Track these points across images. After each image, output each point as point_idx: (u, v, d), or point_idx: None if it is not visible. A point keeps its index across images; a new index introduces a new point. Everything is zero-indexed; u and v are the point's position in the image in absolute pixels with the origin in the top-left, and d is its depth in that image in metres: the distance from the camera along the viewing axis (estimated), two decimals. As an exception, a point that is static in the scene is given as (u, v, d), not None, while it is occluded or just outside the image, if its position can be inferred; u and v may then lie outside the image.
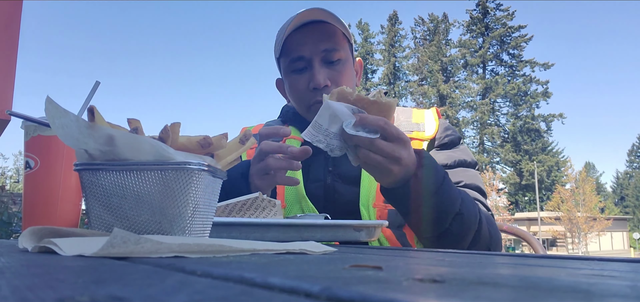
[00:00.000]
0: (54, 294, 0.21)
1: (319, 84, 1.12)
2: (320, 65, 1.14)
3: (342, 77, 1.15)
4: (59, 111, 0.53)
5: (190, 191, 0.53)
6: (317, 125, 0.84)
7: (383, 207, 1.08)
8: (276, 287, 0.22)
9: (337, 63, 1.15)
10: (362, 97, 0.87)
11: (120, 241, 0.38)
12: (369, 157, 0.86)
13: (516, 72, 40.36)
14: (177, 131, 0.59)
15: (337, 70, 1.15)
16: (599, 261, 0.46)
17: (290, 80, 1.18)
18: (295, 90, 1.18)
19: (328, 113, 0.83)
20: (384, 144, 0.85)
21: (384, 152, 0.85)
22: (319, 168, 1.17)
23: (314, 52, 1.14)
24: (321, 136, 0.84)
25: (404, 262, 0.40)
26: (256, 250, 0.46)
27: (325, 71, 1.14)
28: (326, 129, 0.84)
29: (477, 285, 0.23)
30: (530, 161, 39.42)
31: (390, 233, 1.08)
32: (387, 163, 0.86)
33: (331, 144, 0.85)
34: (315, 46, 1.14)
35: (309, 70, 1.15)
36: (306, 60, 1.15)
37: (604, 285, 0.25)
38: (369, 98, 0.87)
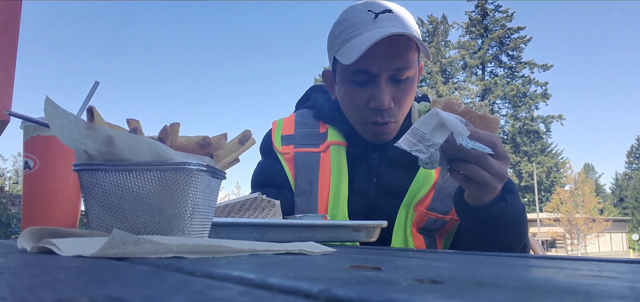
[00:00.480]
0: (53, 294, 0.21)
1: (384, 106, 1.01)
2: (386, 83, 1.02)
3: (407, 97, 1.05)
4: (58, 111, 0.53)
5: (190, 191, 0.53)
6: (420, 134, 0.78)
7: (424, 213, 1.04)
8: (275, 288, 0.22)
9: (404, 81, 1.03)
10: (470, 110, 0.83)
11: (119, 242, 0.38)
12: (478, 173, 0.81)
13: (515, 74, 40.40)
14: (176, 131, 0.59)
15: (403, 89, 1.04)
16: (598, 262, 0.46)
17: (348, 90, 1.06)
18: (351, 103, 1.06)
19: (434, 122, 0.78)
20: (495, 162, 0.82)
21: (493, 170, 0.81)
22: (361, 178, 1.10)
23: (383, 69, 1.00)
24: (422, 146, 0.78)
25: (404, 263, 0.40)
26: (255, 250, 0.46)
27: (391, 90, 1.02)
28: (429, 138, 0.78)
29: (477, 286, 0.23)
30: (530, 162, 39.46)
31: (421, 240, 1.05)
32: (494, 181, 0.82)
33: (434, 155, 0.78)
34: (386, 63, 1.00)
35: (373, 86, 1.02)
36: (372, 75, 1.02)
37: (603, 286, 0.25)
38: (477, 112, 0.83)
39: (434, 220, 1.05)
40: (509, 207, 0.89)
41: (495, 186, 0.83)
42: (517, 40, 39.93)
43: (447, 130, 0.77)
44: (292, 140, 1.14)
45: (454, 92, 40.05)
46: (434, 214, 1.05)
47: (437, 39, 41.25)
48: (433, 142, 0.77)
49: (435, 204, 1.05)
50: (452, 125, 0.77)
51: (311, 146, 1.12)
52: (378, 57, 0.99)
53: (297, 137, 1.15)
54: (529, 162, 39.57)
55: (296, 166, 1.10)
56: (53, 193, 0.72)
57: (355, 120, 1.08)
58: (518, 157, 39.69)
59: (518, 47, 40.08)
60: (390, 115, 1.04)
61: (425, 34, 42.30)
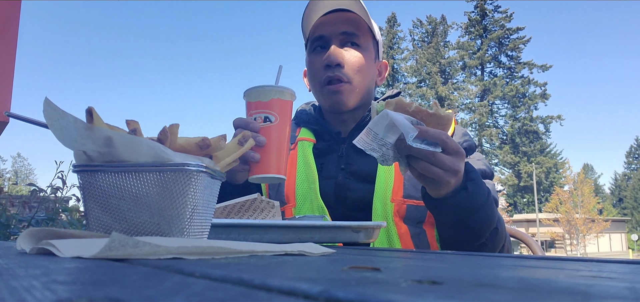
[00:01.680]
0: (52, 295, 0.21)
1: (332, 61, 1.14)
2: (338, 45, 1.17)
3: (358, 63, 1.17)
4: (57, 113, 0.53)
5: (189, 192, 0.53)
6: (372, 134, 0.83)
7: (401, 202, 1.09)
8: (275, 289, 0.22)
9: (355, 47, 1.17)
10: (421, 109, 0.86)
11: (118, 244, 0.38)
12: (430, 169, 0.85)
13: (514, 74, 40.42)
14: (175, 133, 0.58)
15: (353, 54, 1.17)
16: (597, 263, 0.46)
17: (309, 60, 1.22)
18: (311, 69, 1.21)
19: (385, 123, 0.82)
20: (445, 158, 0.85)
21: (445, 165, 0.85)
22: (331, 165, 1.18)
23: (333, 33, 1.17)
24: (375, 145, 0.83)
25: (403, 264, 0.40)
26: (255, 251, 0.46)
27: (341, 52, 1.16)
28: (382, 138, 0.82)
29: (476, 287, 0.23)
30: (529, 163, 39.47)
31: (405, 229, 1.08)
32: (446, 176, 0.86)
33: (386, 154, 0.84)
34: (335, 27, 1.17)
35: (327, 50, 1.17)
36: (325, 40, 1.18)
37: (602, 286, 0.25)
38: (428, 110, 0.86)
39: (415, 207, 1.08)
40: (470, 196, 0.91)
41: (448, 181, 0.87)
42: (516, 40, 39.96)
43: (397, 130, 0.82)
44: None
45: (453, 92, 40.09)
46: (412, 201, 1.08)
47: (436, 39, 41.26)
48: (385, 141, 0.83)
49: (409, 191, 1.09)
50: (401, 125, 0.81)
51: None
52: (329, 24, 1.18)
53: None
54: (528, 162, 39.60)
55: None
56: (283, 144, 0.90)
57: (315, 88, 1.22)
58: (517, 157, 39.71)
59: (517, 48, 40.11)
60: (341, 73, 1.16)
61: (425, 34, 42.33)
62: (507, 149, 39.93)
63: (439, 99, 38.96)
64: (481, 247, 0.97)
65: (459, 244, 0.99)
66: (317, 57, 1.19)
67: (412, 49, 42.59)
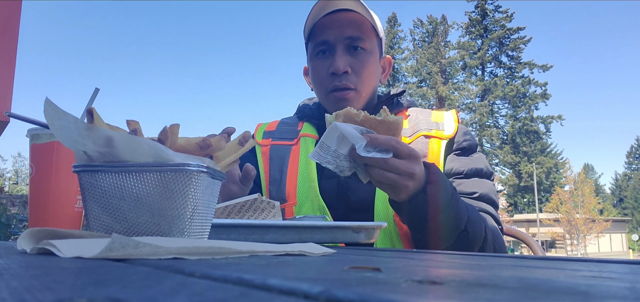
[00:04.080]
0: (53, 295, 0.21)
1: (339, 69, 1.13)
2: (343, 51, 1.15)
3: (364, 68, 1.16)
4: (57, 113, 0.53)
5: (189, 192, 0.53)
6: (325, 147, 0.84)
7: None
8: (275, 289, 0.22)
9: (360, 52, 1.15)
10: (369, 117, 0.87)
11: (118, 246, 0.38)
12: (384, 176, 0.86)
13: (515, 74, 40.37)
14: (176, 133, 0.59)
15: (359, 59, 1.15)
16: (598, 263, 0.46)
17: (313, 65, 1.20)
18: (316, 75, 1.19)
19: (336, 135, 0.83)
20: (398, 162, 0.86)
21: (399, 170, 0.86)
22: None
23: (338, 38, 1.14)
24: (330, 157, 0.85)
25: (403, 264, 0.40)
26: (255, 251, 0.46)
27: (347, 58, 1.14)
28: (335, 150, 0.84)
29: (476, 287, 0.23)
30: (529, 163, 39.44)
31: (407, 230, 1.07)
32: (402, 180, 0.87)
33: (341, 165, 0.86)
34: (340, 32, 1.14)
35: (332, 55, 1.15)
36: (330, 46, 1.16)
37: (602, 287, 0.25)
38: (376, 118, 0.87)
39: None
40: (429, 198, 0.92)
41: (405, 185, 0.88)
42: (517, 40, 39.92)
43: (348, 142, 0.84)
44: (271, 135, 1.27)
45: (454, 92, 40.07)
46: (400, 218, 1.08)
47: (437, 39, 41.25)
48: (338, 153, 0.85)
49: None
50: (350, 136, 0.84)
51: (287, 140, 1.24)
52: (333, 28, 1.15)
53: (277, 132, 1.28)
54: (529, 162, 39.57)
55: (270, 157, 1.23)
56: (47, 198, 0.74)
57: (321, 93, 1.20)
58: (518, 157, 39.69)
59: (518, 48, 40.07)
60: (348, 81, 1.14)
61: (425, 34, 42.31)
62: (507, 149, 39.90)
63: (440, 99, 38.98)
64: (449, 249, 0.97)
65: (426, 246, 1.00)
66: (322, 62, 1.17)
67: (413, 49, 42.57)
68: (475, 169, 1.14)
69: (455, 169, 1.13)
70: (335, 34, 1.15)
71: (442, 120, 1.19)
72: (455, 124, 1.18)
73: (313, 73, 1.21)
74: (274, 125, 1.32)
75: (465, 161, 1.15)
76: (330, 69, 1.14)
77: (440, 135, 1.15)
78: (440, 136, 1.15)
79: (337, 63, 1.13)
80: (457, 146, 1.16)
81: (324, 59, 1.17)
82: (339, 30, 1.15)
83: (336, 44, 1.15)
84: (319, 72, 1.18)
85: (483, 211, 1.11)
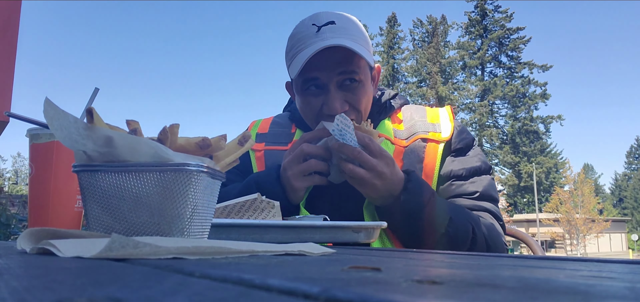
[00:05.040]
0: (52, 295, 0.21)
1: (336, 110, 1.07)
2: (336, 89, 1.09)
3: (360, 100, 1.11)
4: (57, 113, 0.53)
5: (189, 192, 0.53)
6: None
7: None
8: (275, 289, 0.22)
9: (354, 84, 1.10)
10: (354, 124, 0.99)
11: (118, 245, 0.38)
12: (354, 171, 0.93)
13: (515, 74, 40.37)
14: (175, 132, 0.58)
15: (355, 92, 1.10)
16: (598, 263, 0.46)
17: (304, 99, 1.13)
18: (309, 111, 1.13)
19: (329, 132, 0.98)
20: (368, 158, 0.94)
21: (368, 165, 0.93)
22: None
23: (330, 77, 1.08)
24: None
25: (403, 264, 0.40)
26: (255, 251, 0.46)
27: (341, 95, 1.09)
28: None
29: (476, 286, 0.23)
30: (529, 163, 39.44)
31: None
32: (371, 177, 0.94)
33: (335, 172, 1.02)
34: (331, 71, 1.08)
35: (324, 93, 1.10)
36: (321, 82, 1.09)
37: (602, 286, 0.25)
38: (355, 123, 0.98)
39: None
40: (403, 204, 0.97)
41: (373, 183, 0.95)
42: (517, 40, 39.92)
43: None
44: (264, 139, 1.24)
45: (454, 92, 40.06)
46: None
47: (437, 39, 41.24)
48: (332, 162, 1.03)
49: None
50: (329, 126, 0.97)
51: (281, 145, 1.21)
52: (323, 67, 1.07)
53: (270, 136, 1.25)
54: (529, 162, 39.57)
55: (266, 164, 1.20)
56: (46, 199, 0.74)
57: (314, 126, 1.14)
58: (517, 157, 39.69)
59: (517, 48, 40.07)
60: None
61: (425, 34, 42.30)
62: (507, 149, 39.90)
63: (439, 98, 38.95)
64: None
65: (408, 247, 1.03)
66: (314, 99, 1.11)
67: (413, 49, 42.56)
68: (474, 168, 1.15)
69: (454, 171, 1.14)
70: (326, 72, 1.08)
71: (438, 121, 1.18)
72: (451, 124, 1.18)
73: (304, 106, 1.14)
74: (267, 125, 1.28)
75: (463, 161, 1.16)
76: (326, 109, 1.08)
77: (438, 137, 1.15)
78: (437, 139, 1.15)
79: (334, 104, 1.07)
80: (454, 147, 1.17)
81: (316, 95, 1.11)
82: (329, 70, 1.07)
83: (328, 82, 1.08)
84: (312, 109, 1.12)
85: (482, 209, 1.12)
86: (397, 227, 1.02)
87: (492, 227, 1.09)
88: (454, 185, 1.13)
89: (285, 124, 1.27)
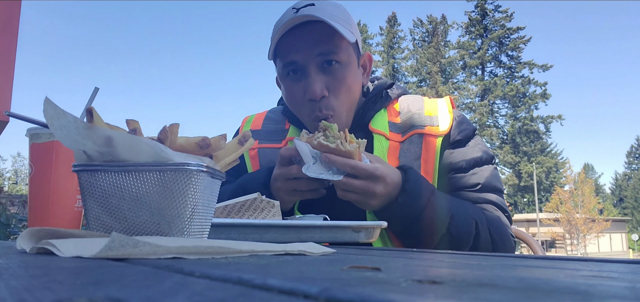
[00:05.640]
0: (52, 295, 0.21)
1: (316, 95, 1.02)
2: (316, 72, 1.04)
3: (342, 85, 1.05)
4: (57, 112, 0.53)
5: (189, 192, 0.53)
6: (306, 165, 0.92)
7: None
8: (275, 289, 0.22)
9: (335, 66, 1.04)
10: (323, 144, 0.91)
11: (118, 245, 0.38)
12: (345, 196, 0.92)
13: (515, 74, 40.34)
14: (175, 132, 0.58)
15: (335, 76, 1.04)
16: (598, 262, 0.46)
17: (286, 86, 1.10)
18: (292, 98, 1.10)
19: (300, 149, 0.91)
20: (357, 183, 0.90)
21: (358, 190, 0.90)
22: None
23: (308, 58, 1.03)
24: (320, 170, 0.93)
25: (403, 264, 0.40)
26: (255, 251, 0.45)
27: (322, 78, 1.04)
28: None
29: (476, 286, 0.23)
30: (529, 163, 39.43)
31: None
32: (363, 199, 0.92)
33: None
34: (309, 51, 1.03)
35: (305, 77, 1.05)
36: (300, 66, 1.05)
37: (602, 286, 0.25)
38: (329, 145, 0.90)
39: None
40: (401, 207, 0.94)
41: (366, 202, 0.93)
42: (517, 40, 39.89)
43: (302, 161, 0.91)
44: (258, 136, 1.20)
45: (454, 92, 40.05)
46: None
47: (437, 39, 41.23)
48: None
49: None
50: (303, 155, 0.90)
51: (274, 142, 1.18)
52: (301, 48, 1.03)
53: (263, 133, 1.21)
54: (529, 162, 39.56)
55: (260, 163, 1.17)
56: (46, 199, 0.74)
57: (302, 117, 1.11)
58: (518, 157, 39.68)
59: (517, 47, 40.04)
60: (327, 108, 1.05)
61: (425, 34, 42.29)
62: (507, 148, 39.89)
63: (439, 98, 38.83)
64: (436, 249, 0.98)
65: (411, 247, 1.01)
66: (295, 85, 1.07)
67: (413, 49, 42.54)
68: (474, 159, 1.10)
69: (454, 164, 1.09)
70: (304, 53, 1.03)
71: (436, 113, 1.13)
72: (449, 115, 1.12)
73: (287, 94, 1.10)
74: (260, 121, 1.24)
75: (463, 153, 1.11)
76: (307, 94, 1.04)
77: (435, 131, 1.09)
78: (435, 133, 1.09)
79: (314, 88, 1.02)
80: (452, 140, 1.11)
81: (297, 81, 1.06)
82: (308, 49, 1.03)
83: (307, 65, 1.03)
84: (294, 96, 1.08)
85: (486, 201, 1.08)
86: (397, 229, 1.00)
87: (497, 221, 1.06)
88: (454, 177, 1.09)
89: (279, 119, 1.23)
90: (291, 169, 0.98)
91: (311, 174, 0.87)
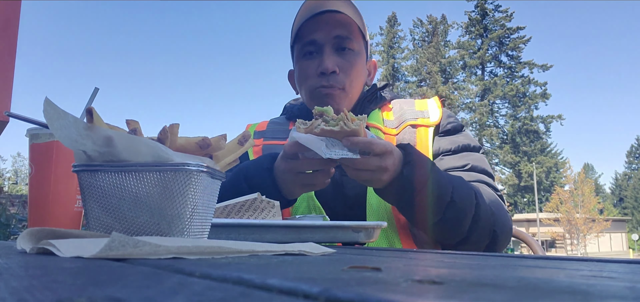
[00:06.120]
0: (52, 295, 0.21)
1: (327, 68, 1.12)
2: (331, 51, 1.15)
3: (352, 68, 1.16)
4: (57, 112, 0.53)
5: (189, 192, 0.53)
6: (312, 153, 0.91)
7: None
8: (275, 289, 0.22)
9: (348, 52, 1.15)
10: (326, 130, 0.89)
11: (118, 244, 0.38)
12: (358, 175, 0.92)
13: (515, 74, 40.34)
14: (175, 132, 0.58)
15: (348, 59, 1.15)
16: (598, 262, 0.46)
17: (301, 65, 1.19)
18: (303, 75, 1.18)
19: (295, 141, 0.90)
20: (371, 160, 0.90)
21: (372, 167, 0.90)
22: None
23: (326, 38, 1.14)
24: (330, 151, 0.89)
25: (403, 264, 0.40)
26: (255, 251, 0.46)
27: (336, 58, 1.14)
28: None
29: (476, 286, 0.23)
30: (529, 162, 39.43)
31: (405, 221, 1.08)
32: (375, 176, 0.92)
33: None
34: (328, 32, 1.14)
35: (320, 55, 1.15)
36: (318, 46, 1.15)
37: (602, 286, 0.25)
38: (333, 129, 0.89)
39: None
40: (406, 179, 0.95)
41: (379, 178, 0.92)
42: (517, 40, 39.90)
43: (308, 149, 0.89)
44: (262, 135, 1.27)
45: (454, 92, 40.05)
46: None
47: (437, 39, 41.24)
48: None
49: None
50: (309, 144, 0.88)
51: (279, 140, 1.23)
52: (321, 28, 1.15)
53: (268, 132, 1.28)
54: (529, 162, 39.56)
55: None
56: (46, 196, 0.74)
57: (306, 92, 1.18)
58: (518, 157, 39.69)
59: (517, 47, 40.05)
60: (336, 81, 1.14)
61: (425, 34, 42.28)
62: (507, 148, 39.89)
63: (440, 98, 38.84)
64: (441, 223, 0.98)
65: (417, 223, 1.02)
66: (309, 62, 1.17)
67: (413, 49, 42.56)
68: (463, 145, 1.17)
69: (443, 147, 1.16)
70: (323, 33, 1.15)
71: (426, 108, 1.22)
72: (439, 109, 1.21)
73: (300, 73, 1.20)
74: (264, 125, 1.32)
75: (452, 139, 1.18)
76: (319, 68, 1.14)
77: (427, 122, 1.18)
78: (426, 124, 1.17)
79: (326, 63, 1.13)
80: (442, 129, 1.19)
81: (312, 59, 1.16)
82: (327, 30, 1.14)
83: (324, 44, 1.15)
84: (306, 72, 1.17)
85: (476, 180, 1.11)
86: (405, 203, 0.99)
87: (492, 195, 1.08)
88: (444, 159, 1.15)
89: (283, 122, 1.31)
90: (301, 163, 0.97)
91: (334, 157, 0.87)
